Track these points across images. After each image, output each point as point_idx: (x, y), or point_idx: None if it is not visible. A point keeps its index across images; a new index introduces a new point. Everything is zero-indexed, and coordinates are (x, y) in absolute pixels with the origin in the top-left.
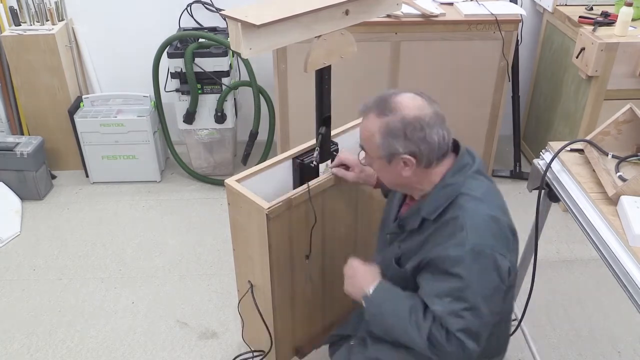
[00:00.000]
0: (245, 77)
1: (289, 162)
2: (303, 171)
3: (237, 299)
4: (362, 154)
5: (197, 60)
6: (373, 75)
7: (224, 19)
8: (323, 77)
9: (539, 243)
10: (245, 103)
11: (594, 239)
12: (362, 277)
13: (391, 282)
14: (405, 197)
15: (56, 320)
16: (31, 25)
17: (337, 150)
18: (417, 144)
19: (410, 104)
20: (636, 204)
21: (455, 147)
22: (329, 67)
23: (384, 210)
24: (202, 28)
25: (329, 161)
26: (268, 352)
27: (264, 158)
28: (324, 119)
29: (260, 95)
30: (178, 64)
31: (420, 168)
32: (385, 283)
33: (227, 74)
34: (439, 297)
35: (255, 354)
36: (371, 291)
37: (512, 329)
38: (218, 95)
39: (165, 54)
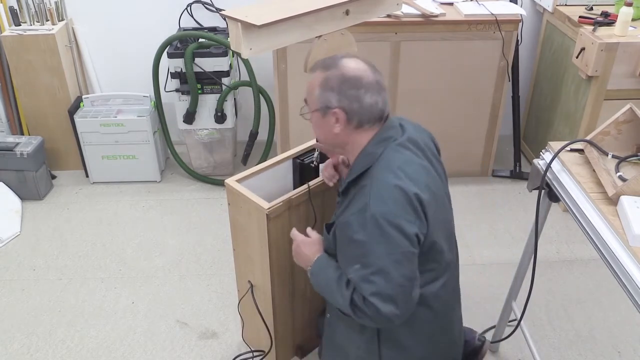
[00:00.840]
0: (245, 77)
1: (289, 162)
2: (303, 171)
3: (237, 299)
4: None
5: (197, 60)
6: None
7: (224, 19)
8: None
9: (539, 243)
10: (245, 103)
11: (594, 239)
12: (306, 251)
13: (325, 247)
14: None
15: (56, 320)
16: (31, 25)
17: None
18: (349, 100)
19: (352, 65)
20: (636, 204)
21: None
22: None
23: None
24: (202, 28)
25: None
26: (268, 352)
27: (264, 158)
28: None
29: (260, 95)
30: (178, 64)
31: (350, 127)
32: (324, 256)
33: (227, 74)
34: (350, 264)
35: (255, 354)
36: (310, 266)
37: (512, 329)
38: (218, 95)
39: (165, 54)
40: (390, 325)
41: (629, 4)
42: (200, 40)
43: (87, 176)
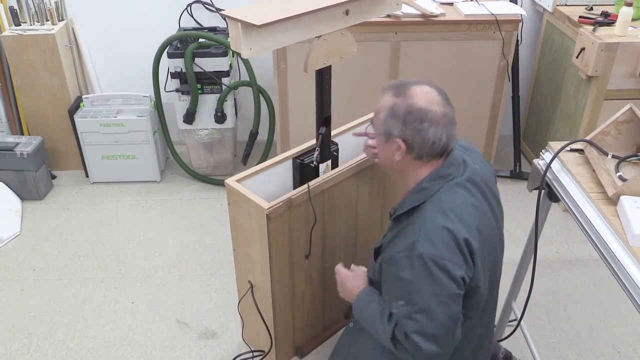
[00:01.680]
0: (245, 77)
1: (289, 162)
2: (303, 171)
3: (237, 299)
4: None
5: (197, 60)
6: (373, 75)
7: (224, 19)
8: (323, 77)
9: (539, 243)
10: (245, 103)
11: (594, 239)
12: (350, 285)
13: (370, 275)
14: None
15: (56, 320)
16: (31, 25)
17: (337, 150)
18: (412, 132)
19: (422, 96)
20: (636, 204)
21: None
22: (329, 67)
23: None
24: (202, 28)
25: (329, 161)
26: (268, 352)
27: (264, 158)
28: (324, 119)
29: (260, 95)
30: (178, 64)
31: (410, 157)
32: (367, 290)
33: (227, 74)
34: (394, 300)
35: (255, 354)
36: (355, 299)
37: (512, 329)
38: (218, 95)
39: (165, 54)
40: None
41: (629, 4)
42: (200, 40)
43: (87, 176)
